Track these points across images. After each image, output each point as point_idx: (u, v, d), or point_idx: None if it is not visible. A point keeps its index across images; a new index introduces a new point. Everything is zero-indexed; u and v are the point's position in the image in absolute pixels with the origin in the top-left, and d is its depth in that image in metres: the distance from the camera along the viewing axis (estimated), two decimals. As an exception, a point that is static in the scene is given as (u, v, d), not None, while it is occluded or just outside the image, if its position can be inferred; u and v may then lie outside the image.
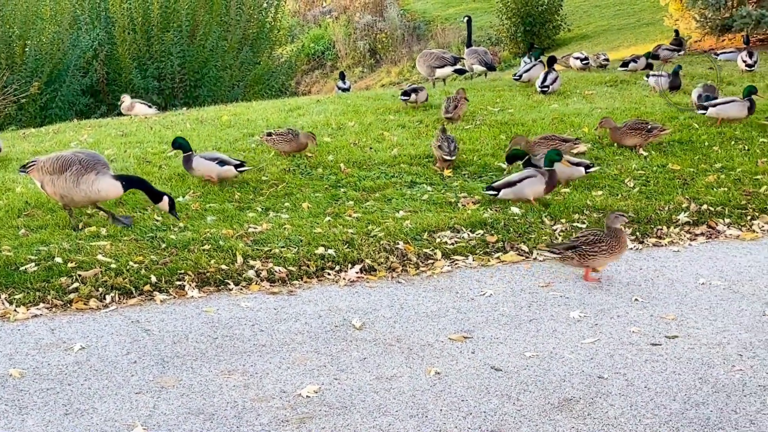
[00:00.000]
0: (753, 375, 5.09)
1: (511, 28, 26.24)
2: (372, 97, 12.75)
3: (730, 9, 19.37)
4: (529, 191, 7.96)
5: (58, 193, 7.13)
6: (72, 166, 7.09)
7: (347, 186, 8.54)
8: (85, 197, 7.13)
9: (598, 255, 6.49)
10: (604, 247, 6.48)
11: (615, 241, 6.52)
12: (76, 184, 7.06)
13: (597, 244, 6.49)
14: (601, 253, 6.49)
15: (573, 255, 6.54)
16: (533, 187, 7.94)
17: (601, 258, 6.52)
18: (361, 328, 5.78)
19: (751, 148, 9.72)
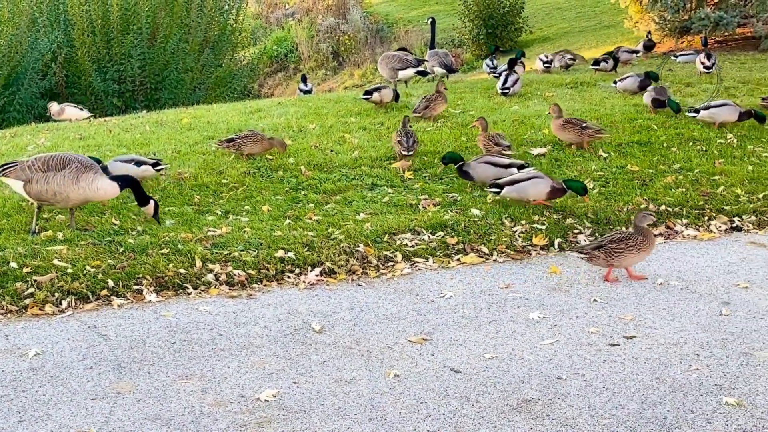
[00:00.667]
0: (709, 374, 5.12)
1: (473, 31, 26.35)
2: (333, 100, 12.73)
3: (689, 11, 19.58)
4: (533, 192, 7.86)
5: (51, 190, 6.98)
6: (71, 164, 7.00)
7: (308, 188, 8.51)
8: (81, 196, 7.03)
9: (625, 253, 6.55)
10: (631, 245, 6.54)
11: (642, 239, 6.58)
12: (75, 181, 6.96)
13: (624, 241, 6.55)
14: (628, 250, 6.55)
15: (600, 254, 6.58)
16: (536, 188, 7.84)
17: (629, 256, 6.58)
18: (320, 331, 5.76)
19: (709, 149, 9.81)
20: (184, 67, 18.39)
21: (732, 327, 5.78)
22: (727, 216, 8.00)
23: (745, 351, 5.42)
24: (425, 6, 34.04)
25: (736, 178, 8.82)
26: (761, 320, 5.89)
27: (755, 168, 9.15)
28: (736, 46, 19.10)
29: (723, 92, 12.74)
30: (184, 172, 8.67)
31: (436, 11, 32.67)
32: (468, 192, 8.44)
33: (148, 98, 17.88)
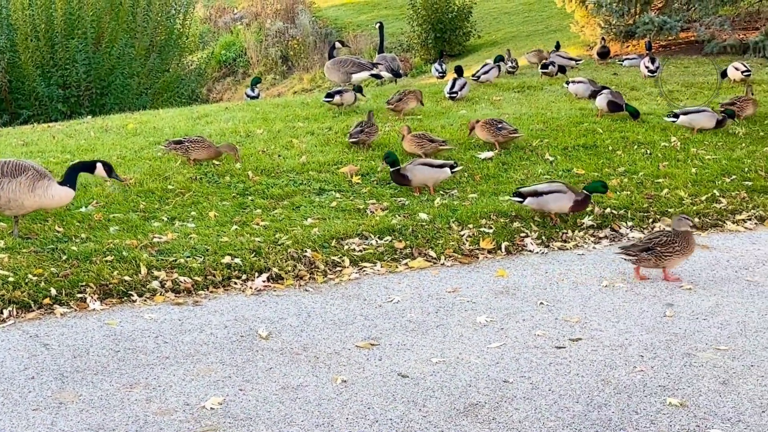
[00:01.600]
0: (654, 375, 5.18)
1: (422, 35, 26.44)
2: (281, 105, 12.69)
3: (634, 16, 19.84)
4: (554, 206, 7.78)
5: (6, 197, 6.83)
6: (27, 171, 6.87)
7: (255, 194, 8.46)
8: (36, 203, 6.90)
9: (673, 256, 6.64)
10: (678, 248, 6.63)
11: (686, 242, 6.67)
12: (31, 189, 6.83)
13: (671, 245, 6.64)
14: (675, 254, 6.64)
15: (649, 257, 6.65)
16: (558, 203, 7.76)
17: (676, 259, 6.68)
18: (267, 337, 5.72)
19: (654, 152, 9.93)
20: (130, 72, 18.22)
21: (675, 328, 5.85)
22: (670, 218, 8.09)
23: (688, 352, 5.48)
24: (374, 10, 34.10)
25: (679, 181, 8.94)
26: (704, 321, 5.96)
27: (698, 170, 9.28)
28: (679, 50, 19.38)
29: (666, 95, 12.90)
30: (129, 178, 8.57)
31: (384, 15, 32.72)
32: (416, 196, 8.46)
33: (93, 103, 17.67)
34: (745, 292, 6.50)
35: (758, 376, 5.15)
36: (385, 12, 33.21)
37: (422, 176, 8.44)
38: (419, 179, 8.45)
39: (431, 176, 8.45)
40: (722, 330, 5.82)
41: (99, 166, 7.15)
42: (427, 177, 8.44)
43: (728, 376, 5.15)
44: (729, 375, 5.17)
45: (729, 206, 8.40)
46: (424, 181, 8.47)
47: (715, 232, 7.95)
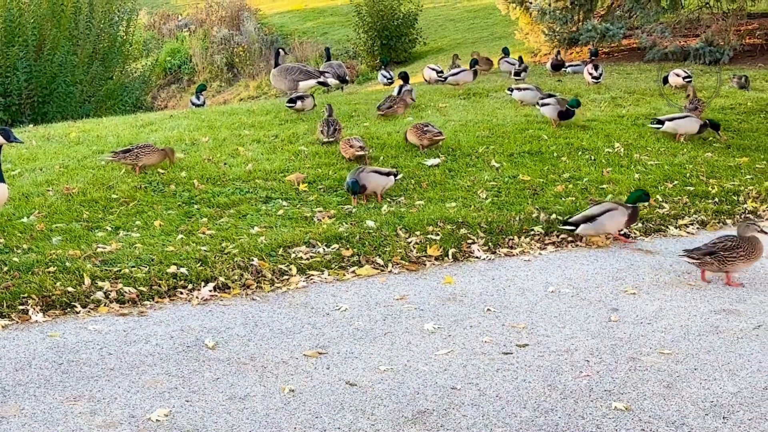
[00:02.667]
0: (599, 380, 5.22)
1: (368, 42, 26.51)
2: (227, 112, 12.61)
3: (577, 23, 20.06)
4: (611, 226, 7.69)
5: None
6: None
7: (201, 203, 8.39)
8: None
9: (737, 261, 6.69)
10: (742, 254, 6.69)
11: (752, 247, 6.72)
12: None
13: (735, 250, 6.68)
14: (740, 259, 6.69)
15: (712, 261, 6.69)
16: (615, 221, 7.68)
17: (740, 264, 6.73)
18: (214, 347, 5.68)
19: (598, 158, 10.04)
20: (72, 79, 17.98)
21: (620, 333, 5.91)
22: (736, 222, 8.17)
23: (633, 356, 5.54)
24: (320, 17, 34.10)
25: (623, 186, 9.05)
26: (648, 325, 6.03)
27: (641, 176, 9.41)
28: (622, 57, 19.65)
29: (609, 102, 13.07)
30: (72, 188, 8.45)
31: (330, 23, 32.79)
32: (362, 204, 8.45)
33: (35, 112, 17.40)
34: (688, 297, 6.59)
35: (701, 380, 5.22)
36: (331, 19, 33.25)
37: (376, 184, 8.46)
38: (372, 187, 8.47)
39: (384, 183, 8.51)
40: (666, 334, 5.89)
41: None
42: (381, 184, 8.49)
43: (672, 380, 5.21)
44: (673, 379, 5.23)
45: (671, 211, 8.52)
46: (375, 189, 8.49)
47: (658, 237, 8.06)
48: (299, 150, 10.10)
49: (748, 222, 6.91)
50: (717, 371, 5.34)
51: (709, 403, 4.94)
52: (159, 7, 38.23)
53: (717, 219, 8.45)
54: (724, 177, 9.52)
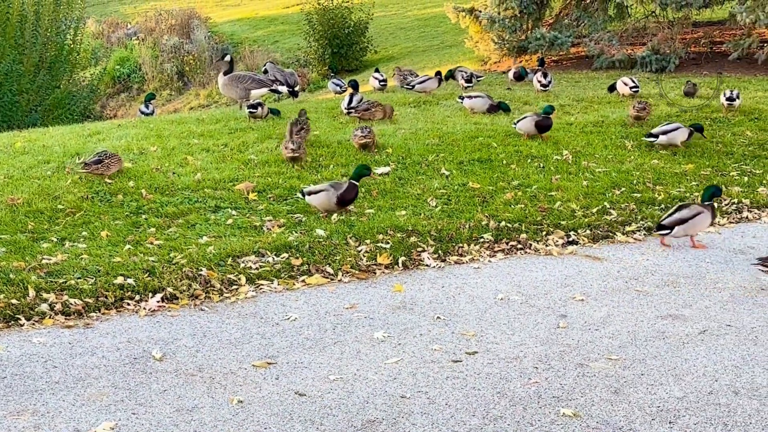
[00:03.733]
0: (548, 387, 5.25)
1: (318, 50, 26.48)
2: (176, 121, 12.51)
3: (526, 31, 20.21)
4: (701, 226, 7.99)
5: None
6: None
7: (149, 212, 8.31)
8: None
9: None
10: None
11: None
12: None
13: None
14: None
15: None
16: (704, 222, 7.97)
17: None
18: (161, 359, 5.62)
19: (546, 166, 10.12)
20: (18, 88, 17.76)
21: (569, 339, 5.95)
22: (563, 231, 8.25)
23: (581, 362, 5.58)
24: (271, 26, 33.99)
25: (571, 194, 9.12)
26: (596, 332, 6.08)
27: (589, 183, 9.49)
28: (571, 65, 19.82)
29: (558, 110, 13.18)
30: (16, 198, 8.33)
31: (281, 31, 32.70)
32: (312, 213, 8.42)
33: (-21, 121, 17.17)
34: (635, 302, 6.65)
35: (648, 385, 5.27)
36: (281, 27, 33.15)
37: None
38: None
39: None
40: (613, 340, 5.94)
41: None
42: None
43: (620, 386, 5.26)
44: (620, 384, 5.28)
45: (619, 218, 8.60)
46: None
47: (606, 244, 8.12)
48: (249, 159, 10.05)
49: None
50: (663, 376, 5.39)
51: (656, 408, 4.99)
52: (107, 16, 37.88)
53: (663, 225, 8.54)
54: (670, 184, 9.64)
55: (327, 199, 8.30)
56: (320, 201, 8.33)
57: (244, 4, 40.74)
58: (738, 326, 6.18)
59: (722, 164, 10.45)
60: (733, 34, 19.65)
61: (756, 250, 7.89)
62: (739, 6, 17.33)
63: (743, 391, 5.20)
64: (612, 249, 7.97)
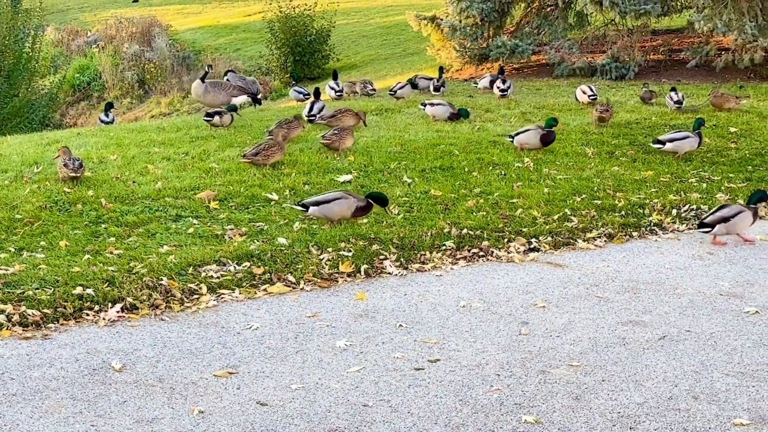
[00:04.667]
0: (510, 393, 5.26)
1: (281, 58, 26.45)
2: (136, 130, 12.43)
3: (487, 39, 20.32)
4: (741, 225, 8.20)
5: None
6: None
7: (109, 222, 8.23)
8: None
9: None
10: None
11: None
12: None
13: None
14: None
15: None
16: (745, 221, 8.18)
17: None
18: (121, 369, 5.56)
19: (508, 173, 10.16)
20: (-25, 97, 17.57)
21: (530, 346, 5.97)
22: (525, 238, 8.28)
23: (542, 369, 5.60)
24: (232, 33, 33.89)
25: (533, 201, 9.17)
26: (557, 338, 6.11)
27: (551, 190, 9.54)
28: (531, 73, 19.94)
29: (519, 117, 13.26)
30: (-27, 208, 8.22)
31: (243, 39, 32.61)
32: (274, 221, 8.39)
33: (-65, 130, 16.95)
34: (596, 309, 6.69)
35: (609, 391, 5.30)
36: (243, 35, 33.06)
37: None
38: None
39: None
40: (575, 346, 5.97)
41: None
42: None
43: (581, 392, 5.28)
44: (582, 391, 5.30)
45: (580, 225, 8.65)
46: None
47: (567, 251, 8.16)
48: (210, 167, 10.00)
49: None
50: (624, 382, 5.43)
51: (617, 414, 5.02)
52: (67, 23, 37.57)
53: (624, 232, 8.60)
54: (630, 190, 9.71)
55: (347, 206, 8.22)
56: (340, 208, 8.22)
57: (206, 12, 40.61)
58: (697, 332, 6.24)
59: (681, 171, 10.55)
60: (692, 42, 19.88)
61: (715, 256, 7.97)
62: (697, 14, 17.53)
63: (702, 397, 5.24)
64: (573, 256, 8.01)
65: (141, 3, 44.76)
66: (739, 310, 6.66)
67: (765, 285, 7.21)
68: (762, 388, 5.34)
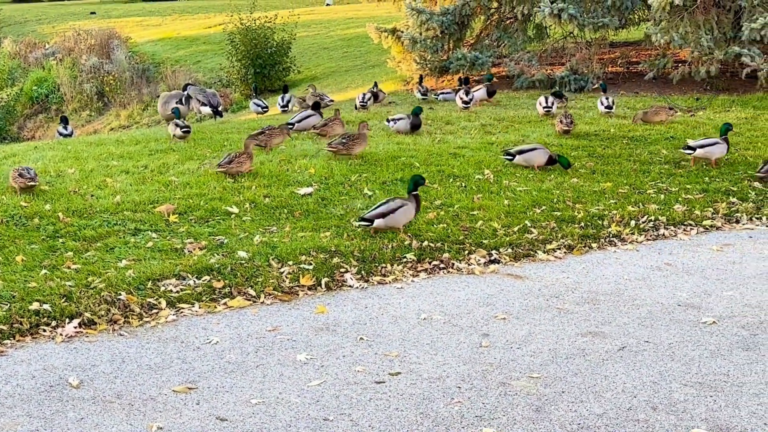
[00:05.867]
0: (470, 406, 5.27)
1: (241, 70, 26.40)
2: (95, 143, 12.32)
3: (447, 52, 20.42)
4: None
5: None
6: None
7: (66, 236, 8.14)
8: None
9: None
10: None
11: None
12: None
13: None
14: None
15: None
16: None
17: None
18: (78, 386, 5.49)
19: (468, 185, 10.19)
20: (-69, 109, 17.32)
21: (491, 358, 5.98)
22: (485, 249, 8.30)
23: (503, 381, 5.61)
24: (192, 45, 33.77)
25: (493, 213, 9.20)
26: (518, 350, 6.12)
27: (511, 202, 9.58)
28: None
29: (479, 129, 13.31)
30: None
31: (203, 51, 32.51)
32: (235, 234, 8.35)
33: None
34: (556, 320, 6.72)
35: (569, 402, 5.32)
36: (204, 47, 32.96)
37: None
38: None
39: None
40: (535, 358, 5.99)
41: None
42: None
43: (541, 404, 5.30)
44: (542, 402, 5.32)
45: (540, 236, 8.69)
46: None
47: (527, 262, 8.20)
48: (170, 180, 9.93)
49: None
50: (584, 393, 5.45)
51: (577, 425, 5.03)
52: (25, 35, 37.24)
53: (583, 243, 8.65)
54: (590, 202, 9.78)
55: (410, 211, 8.51)
56: (405, 215, 8.48)
57: (166, 24, 40.45)
58: (656, 342, 6.29)
59: (639, 182, 10.64)
60: (649, 54, 20.12)
61: (673, 267, 8.05)
62: (654, 27, 17.73)
63: (661, 407, 5.28)
64: (533, 267, 8.05)
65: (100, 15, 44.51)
66: (697, 320, 6.73)
67: (722, 295, 7.29)
68: (719, 398, 5.39)
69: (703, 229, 9.25)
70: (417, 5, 20.20)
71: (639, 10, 19.75)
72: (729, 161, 11.65)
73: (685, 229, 9.20)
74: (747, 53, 17.08)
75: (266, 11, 32.08)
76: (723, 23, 17.99)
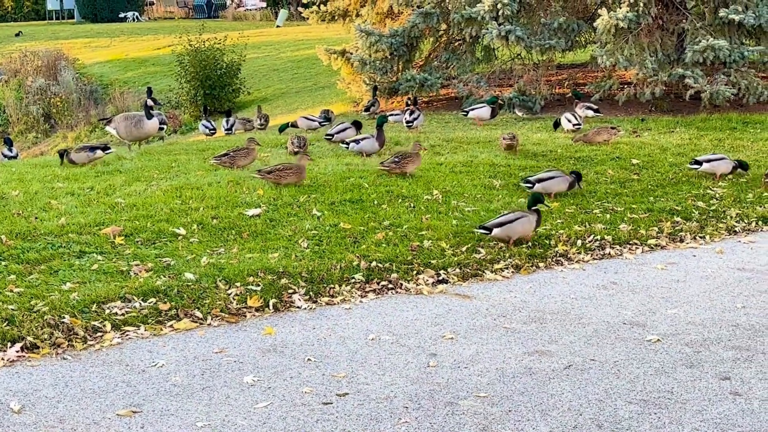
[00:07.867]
0: (418, 426, 5.26)
1: (191, 92, 26.33)
2: (39, 164, 12.18)
3: (396, 73, 20.53)
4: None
5: None
6: None
7: (9, 259, 8.01)
8: None
9: None
10: None
11: None
12: None
13: None
14: None
15: None
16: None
17: None
18: (20, 411, 5.40)
19: (417, 205, 10.22)
20: None
21: (439, 378, 5.99)
22: (433, 269, 8.32)
23: (450, 401, 5.62)
24: (141, 67, 33.60)
25: (441, 233, 9.22)
26: (465, 369, 6.14)
27: (459, 222, 9.62)
28: (441, 106, 20.19)
29: (428, 150, 13.38)
30: None
31: (153, 72, 32.36)
32: (182, 256, 8.28)
33: None
34: (503, 339, 6.75)
35: (516, 421, 5.34)
36: (153, 69, 32.81)
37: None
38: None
39: None
40: (482, 377, 6.01)
41: None
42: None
43: (488, 423, 5.31)
44: (489, 421, 5.33)
45: (487, 256, 8.73)
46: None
47: (475, 282, 8.23)
48: (116, 202, 9.84)
49: None
50: (530, 412, 5.48)
51: (523, 443, 5.05)
52: (-31, 56, 36.74)
53: (530, 263, 8.71)
54: (537, 222, 9.85)
55: (529, 224, 8.94)
56: (523, 226, 8.92)
57: (114, 46, 40.19)
58: (601, 360, 6.34)
59: (586, 202, 10.76)
60: (595, 76, 20.40)
61: (618, 285, 8.13)
62: (600, 50, 17.99)
63: (606, 425, 5.32)
64: (481, 287, 8.08)
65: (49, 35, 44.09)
66: (642, 338, 6.80)
67: (666, 314, 7.38)
68: (663, 415, 5.45)
69: (648, 248, 9.36)
70: (366, 27, 20.30)
71: (585, 33, 20.01)
72: (673, 181, 11.84)
73: (631, 248, 9.31)
74: (690, 75, 17.40)
75: (216, 32, 32.01)
76: (667, 46, 18.33)
